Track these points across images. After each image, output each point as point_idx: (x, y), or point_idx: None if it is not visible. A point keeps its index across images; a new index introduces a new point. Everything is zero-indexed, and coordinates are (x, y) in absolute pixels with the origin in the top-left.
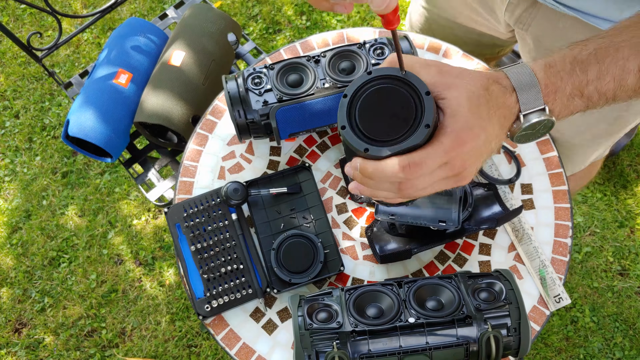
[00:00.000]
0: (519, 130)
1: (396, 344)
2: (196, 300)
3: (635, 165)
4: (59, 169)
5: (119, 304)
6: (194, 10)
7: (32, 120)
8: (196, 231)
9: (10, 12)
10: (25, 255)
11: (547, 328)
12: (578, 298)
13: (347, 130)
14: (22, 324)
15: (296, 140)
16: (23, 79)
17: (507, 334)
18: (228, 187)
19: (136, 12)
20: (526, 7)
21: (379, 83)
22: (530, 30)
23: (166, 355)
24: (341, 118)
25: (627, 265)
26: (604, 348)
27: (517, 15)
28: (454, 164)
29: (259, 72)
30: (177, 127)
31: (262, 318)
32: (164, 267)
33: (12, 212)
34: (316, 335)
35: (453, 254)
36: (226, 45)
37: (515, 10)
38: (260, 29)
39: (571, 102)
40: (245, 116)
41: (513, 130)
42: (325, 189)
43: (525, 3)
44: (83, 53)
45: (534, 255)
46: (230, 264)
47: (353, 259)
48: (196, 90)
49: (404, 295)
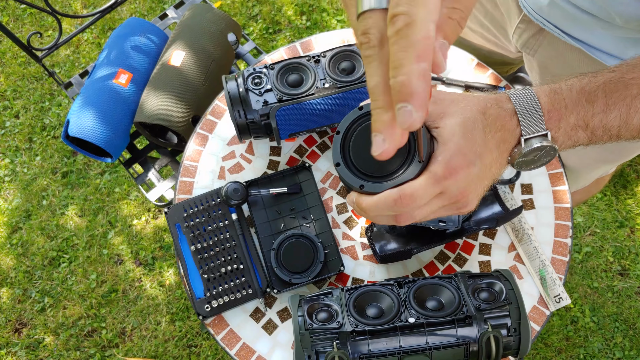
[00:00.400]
0: (520, 156)
1: (396, 344)
2: (196, 300)
3: (635, 165)
4: (59, 169)
5: (119, 304)
6: (194, 11)
7: (32, 120)
8: (196, 231)
9: (10, 12)
10: (25, 255)
11: (547, 328)
12: (578, 298)
13: (342, 167)
14: (22, 324)
15: (296, 140)
16: (23, 79)
17: (507, 334)
18: (228, 187)
19: (136, 12)
20: (533, 33)
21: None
22: (537, 56)
23: (166, 355)
24: (335, 155)
25: (627, 265)
26: (604, 348)
27: (524, 40)
28: (450, 193)
29: (259, 72)
30: (177, 127)
31: (262, 318)
32: (164, 267)
33: (12, 212)
34: (316, 335)
35: (453, 254)
36: (226, 45)
37: (522, 34)
38: (260, 29)
39: (575, 132)
40: (245, 116)
41: (514, 156)
42: (325, 189)
43: (533, 29)
44: (83, 53)
45: (534, 255)
46: (230, 264)
47: (353, 259)
48: (196, 91)
49: (404, 295)
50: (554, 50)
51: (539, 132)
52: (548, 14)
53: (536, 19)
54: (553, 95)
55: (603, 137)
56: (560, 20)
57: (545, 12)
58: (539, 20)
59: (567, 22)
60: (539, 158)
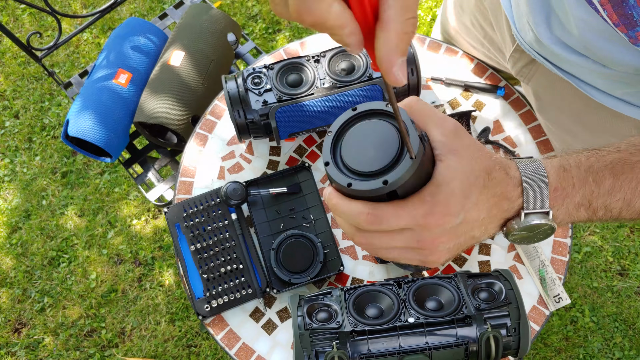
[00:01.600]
0: (516, 230)
1: (396, 344)
2: (196, 300)
3: None
4: (58, 168)
5: (119, 304)
6: (194, 10)
7: (32, 120)
8: (196, 231)
9: (10, 12)
10: (25, 255)
11: (547, 328)
12: (578, 298)
13: (331, 166)
14: (22, 324)
15: (296, 140)
16: (23, 79)
17: (507, 334)
18: (228, 187)
19: (136, 12)
20: (526, 63)
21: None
22: (531, 85)
23: (166, 355)
24: (325, 154)
25: (627, 265)
26: (604, 348)
27: (519, 68)
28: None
29: (258, 72)
30: (176, 127)
31: (261, 318)
32: (164, 267)
33: (12, 212)
34: (316, 335)
35: None
36: (226, 45)
37: (516, 63)
38: (260, 29)
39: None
40: (245, 116)
41: (510, 228)
42: (325, 189)
43: (526, 59)
44: (83, 53)
45: (534, 255)
46: (230, 264)
47: (353, 259)
48: (196, 90)
49: (404, 295)
50: (546, 80)
51: (541, 208)
52: (538, 48)
53: (528, 50)
54: (562, 173)
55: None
56: (549, 55)
57: (535, 47)
58: (530, 52)
59: (555, 58)
60: (535, 235)
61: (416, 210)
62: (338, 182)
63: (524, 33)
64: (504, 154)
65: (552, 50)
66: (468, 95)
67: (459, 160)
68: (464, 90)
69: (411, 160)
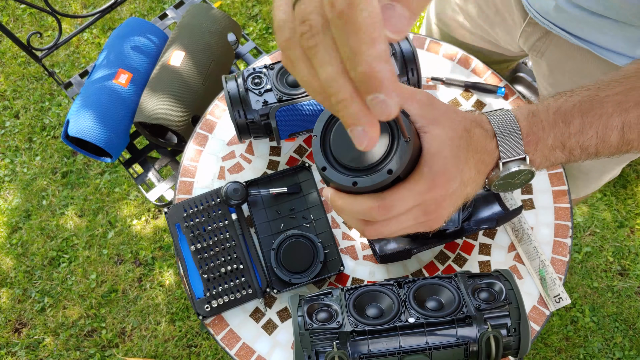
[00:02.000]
0: (497, 179)
1: (396, 344)
2: (196, 300)
3: (635, 165)
4: (58, 169)
5: (119, 304)
6: (194, 10)
7: (32, 120)
8: (196, 231)
9: (10, 12)
10: (25, 255)
11: (547, 328)
12: (578, 298)
13: (329, 170)
14: (22, 324)
15: (296, 140)
16: (23, 79)
17: (507, 334)
18: (228, 187)
19: (136, 12)
20: (540, 36)
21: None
22: (545, 58)
23: (166, 355)
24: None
25: (627, 265)
26: (604, 348)
27: (531, 43)
28: (427, 208)
29: (258, 72)
30: (176, 127)
31: (262, 318)
32: (164, 267)
33: (12, 212)
34: (316, 335)
35: (453, 254)
36: (226, 45)
37: (529, 37)
38: (260, 29)
39: (552, 153)
40: (245, 116)
41: (491, 178)
42: (324, 190)
43: (539, 32)
44: (83, 53)
45: (534, 255)
46: (230, 264)
47: (353, 259)
48: (196, 91)
49: (404, 295)
50: (561, 52)
51: (517, 155)
52: (555, 17)
53: (542, 22)
54: (531, 118)
55: (581, 156)
56: (567, 23)
57: (551, 16)
58: (545, 24)
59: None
60: (516, 181)
61: (419, 187)
62: (342, 183)
63: (539, 4)
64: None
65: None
66: (468, 95)
67: (442, 128)
68: (464, 90)
69: (406, 142)
